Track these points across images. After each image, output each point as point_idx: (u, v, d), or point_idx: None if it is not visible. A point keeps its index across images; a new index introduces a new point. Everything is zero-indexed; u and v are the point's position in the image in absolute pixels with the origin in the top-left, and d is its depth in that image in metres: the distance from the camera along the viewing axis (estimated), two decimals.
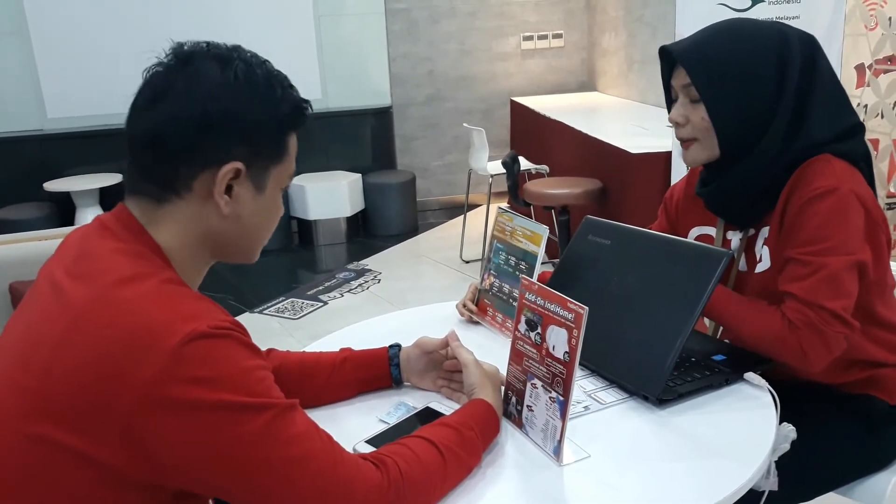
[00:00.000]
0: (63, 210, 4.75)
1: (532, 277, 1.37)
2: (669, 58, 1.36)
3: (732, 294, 1.33)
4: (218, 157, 0.89)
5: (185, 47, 0.91)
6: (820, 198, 1.23)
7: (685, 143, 1.37)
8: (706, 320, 1.56)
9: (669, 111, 1.40)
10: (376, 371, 1.22)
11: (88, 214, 4.69)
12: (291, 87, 0.95)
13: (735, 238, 1.41)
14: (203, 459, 0.80)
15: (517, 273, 1.42)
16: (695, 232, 1.49)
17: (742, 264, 1.40)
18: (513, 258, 1.44)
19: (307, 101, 0.97)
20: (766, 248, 1.34)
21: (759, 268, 1.35)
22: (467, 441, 0.98)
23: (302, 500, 0.83)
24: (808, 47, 1.30)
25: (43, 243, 2.36)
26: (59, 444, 0.79)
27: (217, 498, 0.87)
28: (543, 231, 1.39)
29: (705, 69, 1.29)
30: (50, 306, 0.86)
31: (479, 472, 1.00)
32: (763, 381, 1.20)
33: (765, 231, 1.36)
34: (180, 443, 0.78)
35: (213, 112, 0.87)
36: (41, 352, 0.82)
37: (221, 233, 0.93)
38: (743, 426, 1.10)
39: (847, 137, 1.31)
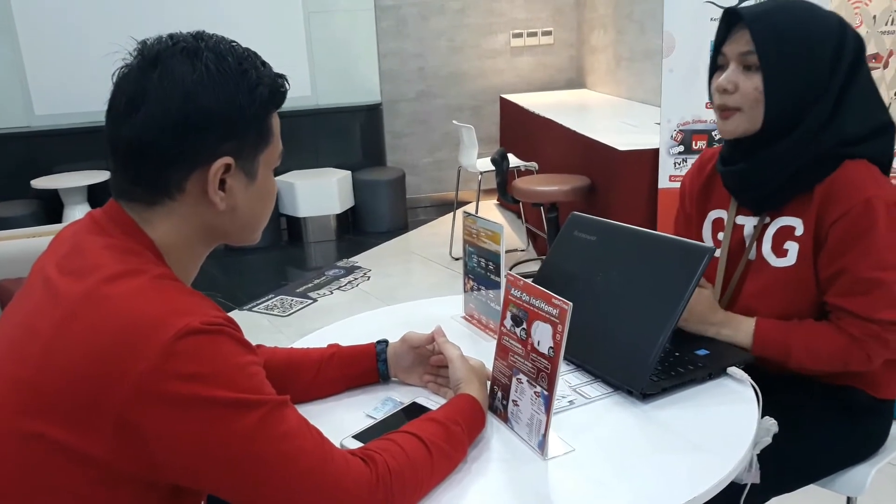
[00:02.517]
0: (51, 207, 4.73)
1: (500, 277, 1.39)
2: (730, 21, 1.34)
3: (787, 330, 1.31)
4: (206, 156, 0.88)
5: (150, 44, 0.89)
6: (868, 211, 1.24)
7: (726, 111, 1.35)
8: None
9: (711, 77, 1.38)
10: (363, 367, 1.23)
11: (76, 212, 4.67)
12: (265, 64, 0.93)
13: (748, 224, 1.42)
14: (195, 455, 0.80)
15: (488, 274, 1.43)
16: (713, 215, 1.50)
17: (752, 253, 1.40)
18: (483, 259, 1.45)
19: (283, 77, 0.95)
20: (795, 244, 1.33)
21: (783, 262, 1.35)
22: (454, 436, 0.99)
23: (293, 497, 0.83)
24: (859, 45, 1.31)
25: (31, 241, 2.35)
26: (52, 441, 0.79)
27: (212, 495, 0.88)
28: (500, 229, 1.39)
29: (772, 39, 1.28)
30: (42, 302, 0.86)
31: (464, 465, 1.01)
32: (745, 376, 1.21)
33: (782, 220, 1.35)
34: (172, 438, 0.79)
35: (193, 112, 0.86)
36: (33, 347, 0.82)
37: (219, 225, 0.94)
38: (725, 420, 1.11)
39: (876, 136, 1.32)
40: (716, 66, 1.38)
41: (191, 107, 0.86)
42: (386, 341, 1.25)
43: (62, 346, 0.81)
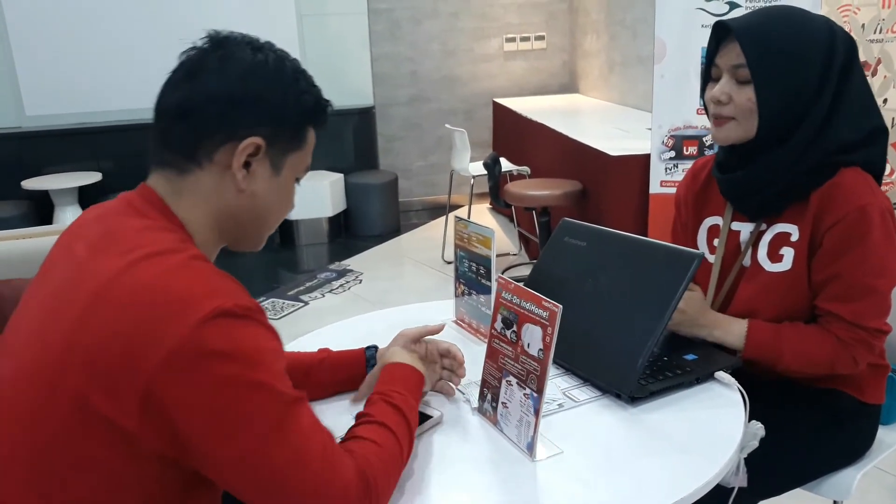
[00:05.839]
0: (41, 209, 4.71)
1: (490, 281, 1.39)
2: (719, 34, 1.35)
3: (778, 332, 1.34)
4: (241, 132, 0.92)
5: (222, 34, 0.97)
6: (863, 218, 1.26)
7: (720, 120, 1.36)
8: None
9: (704, 89, 1.39)
10: (353, 372, 1.23)
11: (67, 213, 4.64)
12: (315, 85, 1.00)
13: (745, 230, 1.43)
14: (213, 431, 0.81)
15: (479, 279, 1.43)
16: (708, 222, 1.51)
17: (747, 259, 1.41)
18: (474, 264, 1.45)
19: (328, 102, 1.02)
20: (791, 249, 1.35)
21: (778, 267, 1.36)
22: (404, 407, 1.02)
23: (294, 493, 0.84)
24: (850, 46, 1.32)
25: (21, 242, 2.34)
26: (94, 409, 0.80)
27: (226, 493, 0.89)
28: (491, 234, 1.40)
29: (760, 50, 1.29)
30: (73, 278, 0.87)
31: (453, 465, 1.02)
32: (733, 380, 1.22)
33: (778, 227, 1.37)
34: (195, 412, 0.80)
35: (241, 89, 0.92)
36: (63, 323, 0.84)
37: (236, 210, 0.96)
38: (712, 424, 1.12)
39: (872, 143, 1.33)
40: (709, 77, 1.39)
41: (243, 86, 0.93)
42: (375, 347, 1.25)
43: (96, 317, 0.82)
